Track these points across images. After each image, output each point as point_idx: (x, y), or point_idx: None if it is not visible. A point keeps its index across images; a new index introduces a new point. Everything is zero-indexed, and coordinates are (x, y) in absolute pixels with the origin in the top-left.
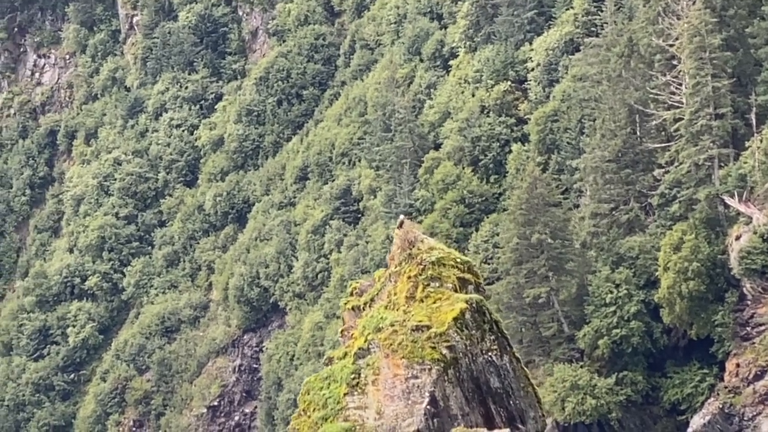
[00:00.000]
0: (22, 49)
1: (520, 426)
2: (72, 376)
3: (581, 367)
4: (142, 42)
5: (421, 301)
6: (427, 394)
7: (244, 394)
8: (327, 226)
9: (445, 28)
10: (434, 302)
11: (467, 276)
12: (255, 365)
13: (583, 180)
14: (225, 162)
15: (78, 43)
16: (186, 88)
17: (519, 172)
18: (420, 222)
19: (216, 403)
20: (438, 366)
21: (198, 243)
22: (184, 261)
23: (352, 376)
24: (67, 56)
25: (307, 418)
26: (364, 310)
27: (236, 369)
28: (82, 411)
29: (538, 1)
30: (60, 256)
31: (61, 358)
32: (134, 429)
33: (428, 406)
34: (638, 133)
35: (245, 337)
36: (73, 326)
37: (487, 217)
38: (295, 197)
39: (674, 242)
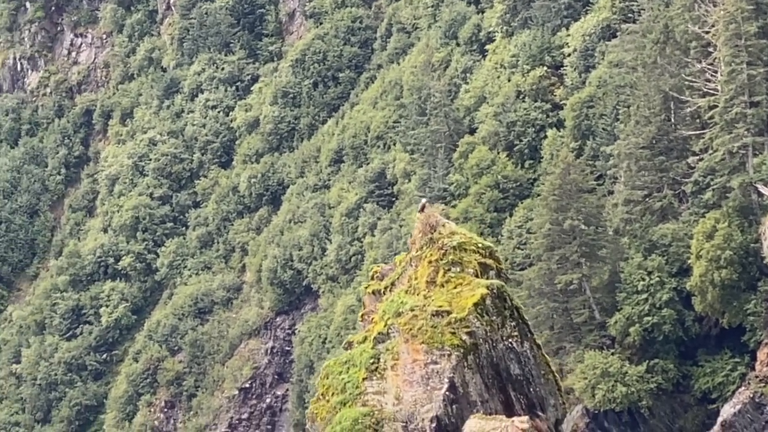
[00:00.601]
0: (59, 29)
1: (540, 413)
2: (104, 356)
3: (612, 354)
4: (179, 22)
5: (442, 286)
6: (446, 380)
7: (275, 377)
8: (361, 209)
9: (482, 12)
10: (455, 287)
11: (489, 261)
12: (287, 348)
13: (616, 166)
14: (260, 144)
15: (115, 23)
16: (222, 69)
17: (553, 158)
18: (454, 207)
19: (247, 385)
20: (458, 352)
21: (232, 224)
22: (217, 242)
23: (371, 360)
24: (104, 36)
25: (325, 403)
26: (384, 294)
27: (268, 351)
28: (113, 391)
29: None
30: (94, 236)
31: (93, 337)
32: (165, 410)
33: (447, 392)
34: (673, 120)
35: (278, 319)
36: (106, 306)
37: (521, 203)
38: (329, 180)
39: (707, 230)
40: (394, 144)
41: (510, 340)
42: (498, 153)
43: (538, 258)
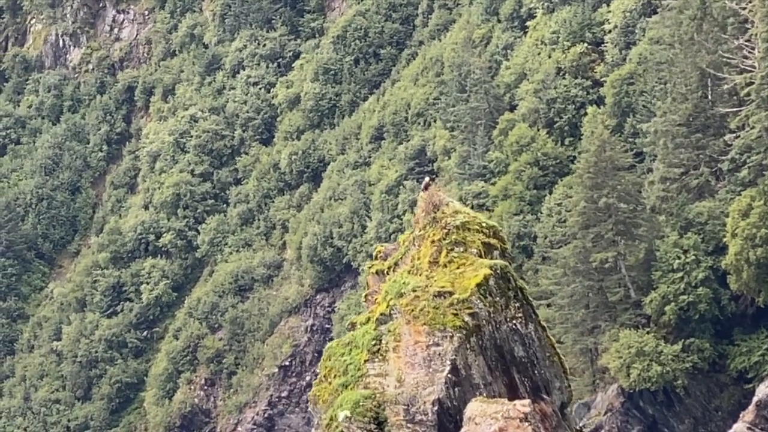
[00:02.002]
0: (101, 5)
1: (545, 396)
2: (145, 333)
3: (647, 333)
4: None
5: (445, 266)
6: (448, 362)
7: (315, 355)
8: (401, 187)
9: None
10: (458, 267)
11: (492, 241)
12: (327, 325)
13: (653, 144)
14: (301, 120)
15: None
16: (264, 45)
17: (593, 135)
18: (493, 184)
19: (287, 363)
20: (460, 333)
21: (273, 201)
22: (258, 219)
23: (373, 342)
24: (146, 12)
25: (328, 385)
26: (388, 274)
27: (308, 329)
28: (154, 368)
29: None
30: (135, 213)
31: (134, 315)
32: (206, 387)
33: (449, 375)
34: (710, 97)
35: (317, 297)
36: (147, 283)
37: (561, 180)
38: (370, 157)
39: (743, 208)
40: (435, 121)
41: (514, 321)
42: (538, 130)
43: (573, 236)
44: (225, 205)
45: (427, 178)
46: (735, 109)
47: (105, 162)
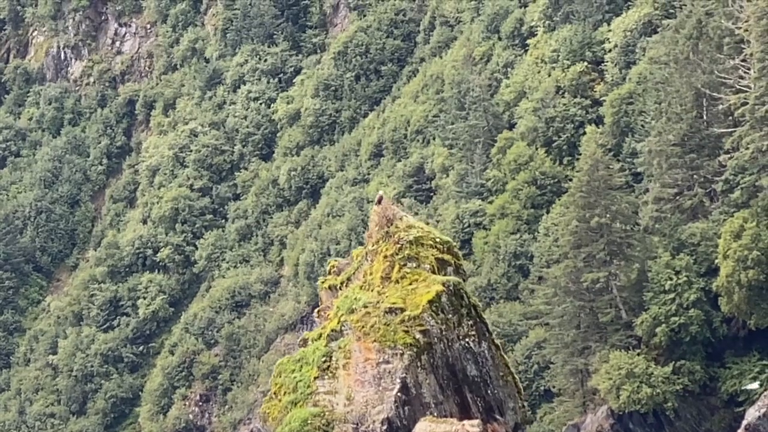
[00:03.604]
0: (103, 18)
1: (498, 417)
2: (141, 348)
3: (638, 354)
4: (222, 13)
5: (397, 282)
6: (398, 380)
7: None
8: (399, 204)
9: (525, 6)
10: (410, 283)
11: (446, 257)
12: None
13: (647, 164)
14: (301, 136)
15: (159, 13)
16: (265, 60)
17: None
18: (491, 202)
19: None
20: (410, 351)
21: (271, 217)
22: (256, 235)
23: (324, 359)
24: (148, 26)
25: (277, 402)
26: (341, 289)
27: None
28: (149, 384)
29: None
30: (133, 227)
31: (130, 329)
32: (200, 403)
33: (399, 393)
34: (705, 117)
35: (314, 314)
36: (144, 298)
37: (559, 199)
38: (369, 174)
39: (735, 230)
40: (434, 138)
41: (467, 339)
42: (536, 149)
43: (564, 255)
44: (223, 221)
45: (380, 192)
46: (730, 130)
47: (105, 175)
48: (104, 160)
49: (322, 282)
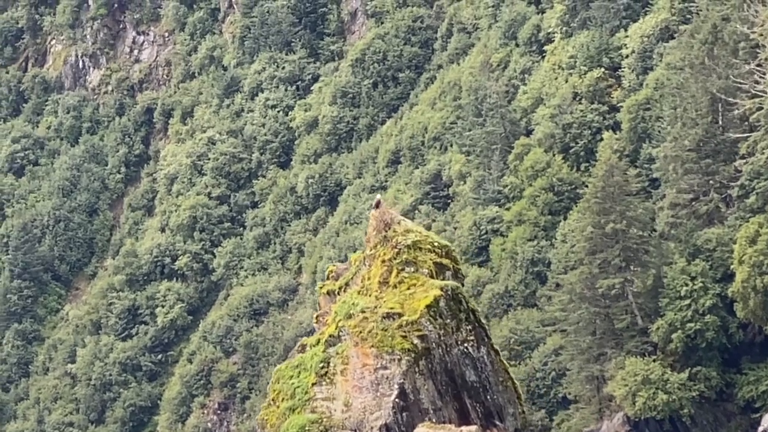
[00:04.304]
0: (121, 26)
1: (497, 423)
2: (159, 356)
3: (654, 361)
4: (240, 21)
5: (395, 286)
6: (396, 386)
7: None
8: (416, 211)
9: (543, 12)
10: (408, 288)
11: (444, 261)
12: None
13: (662, 170)
14: (318, 144)
15: (177, 21)
16: (283, 68)
17: (600, 160)
18: (508, 209)
19: None
20: (408, 356)
21: (289, 225)
22: (274, 243)
23: (321, 365)
24: (166, 34)
25: (276, 408)
26: (339, 294)
27: None
28: (167, 392)
29: None
30: (151, 236)
31: (149, 338)
32: (219, 412)
33: (397, 399)
34: (720, 122)
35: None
36: (162, 306)
37: (576, 206)
38: (386, 181)
39: (750, 235)
40: (451, 145)
41: (465, 344)
42: (553, 155)
43: (579, 262)
44: (241, 229)
45: (378, 196)
46: (745, 135)
47: (123, 184)
48: (122, 169)
49: (321, 287)
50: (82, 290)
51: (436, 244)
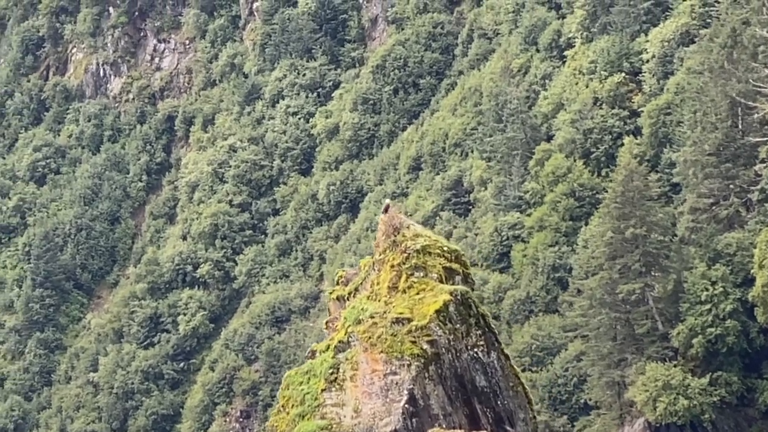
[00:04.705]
0: (142, 34)
1: (508, 428)
2: (182, 364)
3: (675, 366)
4: (261, 28)
5: (404, 291)
6: (405, 391)
7: None
8: (437, 218)
9: (563, 17)
10: (417, 293)
11: (454, 266)
12: None
13: (682, 174)
14: (340, 150)
15: (198, 29)
16: (304, 75)
17: (620, 165)
18: (529, 215)
19: None
20: (418, 362)
21: (311, 232)
22: (296, 250)
23: (331, 371)
24: (187, 41)
25: (285, 415)
26: (348, 300)
27: None
28: (189, 400)
29: None
30: (173, 243)
31: (171, 346)
32: (241, 420)
33: (406, 405)
34: (740, 126)
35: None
36: (184, 314)
37: (597, 211)
38: (407, 187)
39: None
40: (472, 151)
41: (475, 349)
42: (574, 160)
43: (599, 267)
44: (263, 236)
45: (387, 200)
46: (765, 139)
47: (145, 192)
48: (144, 177)
49: (330, 293)
50: (104, 299)
51: (445, 248)
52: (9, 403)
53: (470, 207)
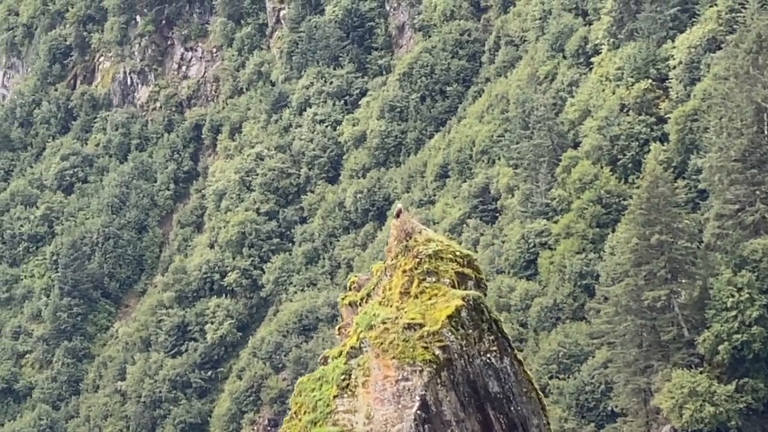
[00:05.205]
0: (169, 42)
1: None
2: (209, 373)
3: (701, 372)
4: (288, 36)
5: (416, 297)
6: (417, 398)
7: None
8: (464, 225)
9: (590, 24)
10: (429, 298)
11: (467, 271)
12: None
13: (708, 180)
14: (367, 158)
15: (225, 37)
16: (331, 83)
17: (645, 171)
18: (556, 222)
19: None
20: (430, 367)
21: (338, 240)
22: (323, 258)
23: (343, 377)
24: (214, 50)
25: (298, 422)
26: (360, 305)
27: None
28: (217, 409)
29: None
30: (200, 252)
31: (198, 354)
32: (269, 428)
33: (419, 411)
34: (766, 132)
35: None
36: (212, 323)
37: (624, 218)
38: (434, 195)
39: None
40: (499, 158)
41: (488, 355)
42: (601, 167)
43: (625, 274)
44: (290, 244)
45: (399, 205)
46: None
47: (172, 200)
48: (171, 185)
49: (343, 298)
50: (131, 307)
51: (457, 253)
52: (37, 412)
53: (497, 214)
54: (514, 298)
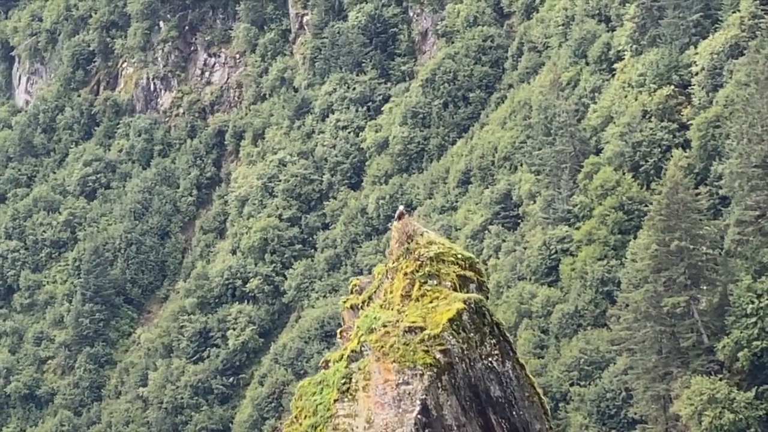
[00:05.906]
0: (192, 48)
1: None
2: (231, 379)
3: (720, 379)
4: (311, 42)
5: (417, 300)
6: (418, 402)
7: None
8: (486, 231)
9: (613, 30)
10: (430, 301)
11: (468, 273)
12: None
13: (729, 186)
14: (389, 164)
15: (248, 43)
16: (354, 89)
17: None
18: (578, 228)
19: None
20: (431, 371)
21: (360, 246)
22: (345, 264)
23: (343, 381)
24: (237, 56)
25: (298, 426)
26: (362, 308)
27: None
28: (239, 415)
29: (704, 3)
30: (223, 258)
31: (220, 361)
32: None
33: (419, 416)
34: None
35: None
36: (233, 329)
37: (645, 224)
38: (457, 201)
39: None
40: (521, 165)
41: (490, 359)
42: (623, 174)
43: (644, 280)
44: (312, 250)
45: (401, 207)
46: None
47: (195, 206)
48: (194, 191)
49: (344, 302)
50: (153, 313)
51: (459, 256)
52: (59, 418)
53: (519, 220)
54: (535, 304)
